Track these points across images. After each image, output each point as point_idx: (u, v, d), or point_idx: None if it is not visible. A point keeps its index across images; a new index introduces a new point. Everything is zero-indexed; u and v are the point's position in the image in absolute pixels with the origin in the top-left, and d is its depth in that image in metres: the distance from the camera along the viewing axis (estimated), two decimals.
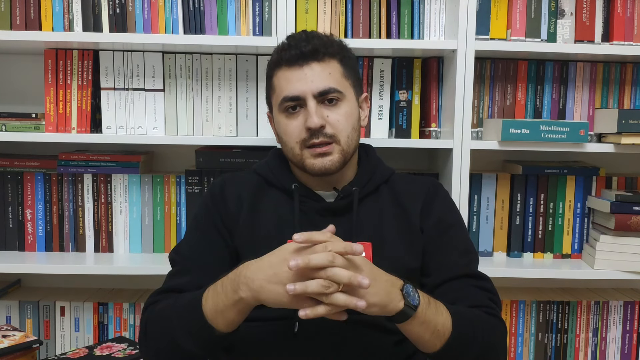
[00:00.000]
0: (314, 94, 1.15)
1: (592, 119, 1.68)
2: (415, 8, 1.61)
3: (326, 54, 1.17)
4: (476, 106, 1.67)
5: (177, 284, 1.15)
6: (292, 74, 1.16)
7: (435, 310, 1.01)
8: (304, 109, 1.16)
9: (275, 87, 1.20)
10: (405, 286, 0.98)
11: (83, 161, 1.65)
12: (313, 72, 1.15)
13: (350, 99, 1.19)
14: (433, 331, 1.00)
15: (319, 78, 1.15)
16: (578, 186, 1.68)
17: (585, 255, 1.67)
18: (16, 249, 1.68)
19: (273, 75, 1.21)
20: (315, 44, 1.16)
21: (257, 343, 1.12)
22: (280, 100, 1.17)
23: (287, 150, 1.20)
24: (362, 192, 1.21)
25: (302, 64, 1.16)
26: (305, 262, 0.91)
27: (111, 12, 1.57)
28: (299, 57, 1.15)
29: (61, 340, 1.68)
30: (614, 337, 1.72)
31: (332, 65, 1.18)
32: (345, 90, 1.18)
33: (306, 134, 1.15)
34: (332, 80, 1.16)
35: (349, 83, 1.20)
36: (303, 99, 1.15)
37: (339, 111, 1.16)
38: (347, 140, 1.17)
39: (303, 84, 1.15)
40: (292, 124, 1.17)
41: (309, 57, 1.16)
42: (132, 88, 1.62)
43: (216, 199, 1.23)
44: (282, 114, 1.19)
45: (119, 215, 1.67)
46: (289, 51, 1.17)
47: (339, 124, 1.16)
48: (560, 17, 1.61)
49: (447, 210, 1.25)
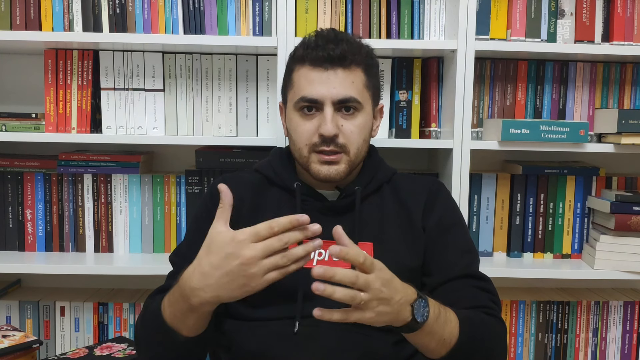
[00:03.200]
0: (333, 100, 1.13)
1: (592, 119, 1.68)
2: (415, 8, 1.61)
3: (353, 61, 1.14)
4: (476, 106, 1.67)
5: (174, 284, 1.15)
6: (315, 76, 1.13)
7: (444, 321, 0.99)
8: (319, 113, 1.14)
9: (295, 83, 1.17)
10: (417, 301, 0.94)
11: (83, 161, 1.65)
12: (337, 78, 1.13)
13: (368, 110, 1.18)
14: (439, 341, 0.99)
15: (342, 85, 1.13)
16: (578, 186, 1.68)
17: (585, 255, 1.67)
18: (16, 249, 1.68)
19: (294, 70, 1.18)
20: (344, 49, 1.12)
21: (257, 343, 1.12)
22: (297, 99, 1.15)
23: (294, 149, 1.20)
24: (365, 192, 1.21)
25: (327, 67, 1.13)
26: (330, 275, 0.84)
27: (111, 12, 1.57)
28: (325, 60, 1.12)
29: (61, 340, 1.68)
30: (614, 337, 1.72)
31: (356, 73, 1.15)
32: (364, 101, 1.16)
33: (318, 139, 1.13)
34: (354, 90, 1.14)
35: (369, 94, 1.18)
36: (321, 103, 1.13)
37: (354, 122, 1.15)
38: (357, 152, 1.16)
39: (324, 88, 1.12)
40: (305, 125, 1.15)
41: (335, 61, 1.12)
42: (132, 88, 1.62)
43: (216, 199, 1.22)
44: (297, 112, 1.17)
45: (119, 215, 1.67)
46: (315, 51, 1.13)
47: (352, 135, 1.15)
48: (560, 17, 1.61)
49: (448, 210, 1.25)
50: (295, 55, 1.19)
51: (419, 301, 0.94)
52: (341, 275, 0.84)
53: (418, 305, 0.94)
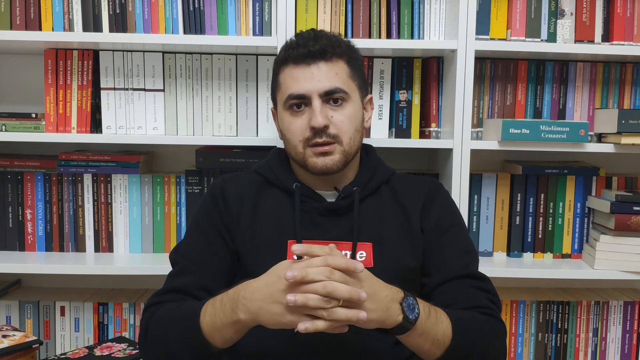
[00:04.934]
0: (319, 93, 1.15)
1: (592, 119, 1.68)
2: (415, 8, 1.61)
3: (334, 54, 1.17)
4: (476, 106, 1.67)
5: (178, 285, 1.15)
6: (299, 72, 1.16)
7: (435, 321, 1.00)
8: (308, 108, 1.16)
9: (281, 84, 1.20)
10: (405, 299, 0.97)
11: (83, 161, 1.65)
12: (320, 72, 1.15)
13: (355, 100, 1.19)
14: (433, 341, 1.00)
15: (326, 77, 1.15)
16: (578, 186, 1.68)
17: (585, 255, 1.67)
18: (16, 249, 1.68)
19: (279, 72, 1.21)
20: (323, 44, 1.16)
21: (257, 343, 1.12)
22: (285, 98, 1.17)
23: (289, 148, 1.20)
24: (363, 192, 1.21)
25: (309, 62, 1.16)
26: (302, 275, 0.90)
27: (111, 12, 1.57)
28: (307, 56, 1.16)
29: (61, 340, 1.68)
30: (614, 337, 1.72)
31: (339, 65, 1.18)
32: (350, 91, 1.18)
33: (310, 132, 1.15)
34: (339, 81, 1.16)
35: (355, 84, 1.20)
36: (308, 98, 1.15)
37: (343, 112, 1.17)
38: (350, 142, 1.17)
39: (309, 83, 1.15)
40: (296, 122, 1.17)
41: (317, 56, 1.16)
42: (132, 88, 1.62)
43: (217, 200, 1.22)
44: (287, 112, 1.18)
45: (119, 215, 1.67)
46: (296, 49, 1.16)
47: (343, 125, 1.16)
48: (560, 17, 1.61)
49: (447, 211, 1.25)
50: (278, 58, 1.22)
51: (407, 299, 0.97)
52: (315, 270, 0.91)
53: (407, 303, 0.97)
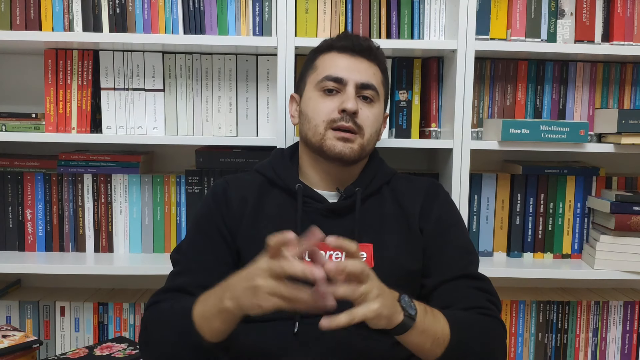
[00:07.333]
0: (356, 83, 1.19)
1: (592, 119, 1.68)
2: (415, 8, 1.61)
3: (376, 57, 1.24)
4: (476, 106, 1.67)
5: (179, 284, 1.15)
6: (341, 60, 1.21)
7: (433, 319, 1.01)
8: (340, 94, 1.19)
9: (318, 66, 1.23)
10: (402, 297, 0.98)
11: (83, 161, 1.65)
12: (361, 65, 1.21)
13: (380, 105, 1.25)
14: (433, 339, 1.00)
15: (366, 72, 1.21)
16: (578, 186, 1.68)
17: (585, 255, 1.67)
18: (16, 249, 1.68)
19: (317, 58, 1.25)
20: (370, 44, 1.24)
21: (257, 343, 1.12)
22: (321, 78, 1.20)
23: (307, 129, 1.22)
24: (365, 193, 1.22)
25: (353, 54, 1.21)
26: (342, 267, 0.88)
27: (111, 12, 1.57)
28: (353, 49, 1.21)
29: (61, 340, 1.68)
30: (614, 337, 1.72)
31: (377, 69, 1.24)
32: (380, 95, 1.24)
33: (337, 115, 1.18)
34: (375, 80, 1.22)
35: (383, 91, 1.26)
36: (345, 83, 1.19)
37: (371, 110, 1.21)
38: (369, 138, 1.21)
39: (349, 71, 1.20)
40: (325, 103, 1.20)
41: (362, 52, 1.22)
42: (132, 88, 1.62)
43: (219, 200, 1.22)
44: (318, 92, 1.21)
45: (119, 215, 1.67)
46: (344, 40, 1.23)
47: (368, 120, 1.20)
48: (560, 17, 1.61)
49: (446, 211, 1.25)
50: (320, 47, 1.27)
51: (403, 297, 0.98)
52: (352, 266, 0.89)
53: (403, 300, 0.98)
